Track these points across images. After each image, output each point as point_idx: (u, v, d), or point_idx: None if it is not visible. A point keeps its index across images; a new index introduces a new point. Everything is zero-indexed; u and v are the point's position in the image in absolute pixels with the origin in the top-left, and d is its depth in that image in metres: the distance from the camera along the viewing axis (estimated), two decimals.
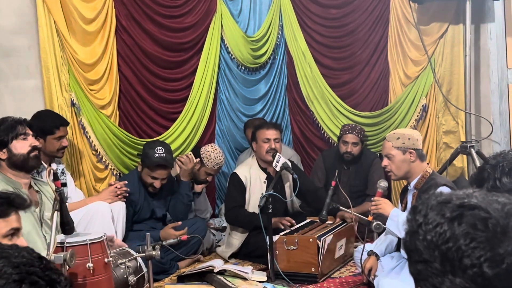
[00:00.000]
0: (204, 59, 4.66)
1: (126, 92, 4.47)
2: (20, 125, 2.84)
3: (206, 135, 4.83)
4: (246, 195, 3.98)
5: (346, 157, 4.44)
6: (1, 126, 2.83)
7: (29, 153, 2.81)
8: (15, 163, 2.79)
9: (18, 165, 2.80)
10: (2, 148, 2.80)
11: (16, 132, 2.81)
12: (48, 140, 3.62)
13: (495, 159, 1.69)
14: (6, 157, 2.79)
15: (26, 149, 2.81)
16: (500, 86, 4.47)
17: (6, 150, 2.79)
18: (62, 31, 4.09)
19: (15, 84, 4.13)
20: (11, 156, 2.79)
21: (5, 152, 2.79)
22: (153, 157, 3.79)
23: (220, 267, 3.50)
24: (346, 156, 4.44)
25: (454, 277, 0.91)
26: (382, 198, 3.15)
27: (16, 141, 2.80)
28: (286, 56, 5.03)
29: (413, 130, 3.58)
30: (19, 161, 2.79)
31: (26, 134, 2.85)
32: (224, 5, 4.75)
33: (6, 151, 2.79)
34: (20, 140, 2.81)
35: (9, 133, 2.80)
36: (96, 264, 2.48)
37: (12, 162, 2.79)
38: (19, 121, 2.87)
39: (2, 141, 2.80)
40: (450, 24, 4.44)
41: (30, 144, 2.83)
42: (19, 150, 2.79)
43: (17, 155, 2.79)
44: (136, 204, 3.84)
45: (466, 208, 0.94)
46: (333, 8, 4.83)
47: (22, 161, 2.80)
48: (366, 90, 4.80)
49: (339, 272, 3.66)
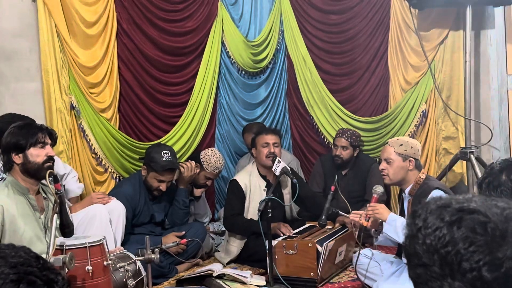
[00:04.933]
0: (204, 63, 4.67)
1: (127, 95, 4.48)
2: (41, 133, 2.80)
3: (206, 139, 4.83)
4: (246, 203, 3.97)
5: (336, 160, 4.47)
6: (23, 129, 2.80)
7: (44, 163, 2.77)
8: (28, 170, 2.76)
9: (31, 173, 2.77)
10: (19, 152, 2.76)
11: (36, 139, 2.77)
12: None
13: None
14: (21, 162, 2.76)
15: (42, 159, 2.76)
16: (499, 93, 4.48)
17: (22, 155, 2.76)
18: (63, 34, 4.11)
19: (16, 86, 4.14)
20: (25, 162, 2.75)
21: (20, 157, 2.76)
22: (160, 161, 3.78)
23: (219, 271, 3.50)
24: (336, 160, 4.47)
25: (453, 281, 0.91)
26: (378, 204, 3.17)
27: (34, 149, 2.76)
28: (287, 61, 5.04)
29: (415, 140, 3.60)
30: (32, 169, 2.76)
31: (45, 143, 2.80)
32: (225, 9, 4.76)
33: (22, 156, 2.76)
34: (38, 148, 2.77)
35: (28, 139, 2.76)
36: (95, 267, 2.48)
37: (25, 168, 2.76)
38: (40, 128, 2.83)
39: (20, 145, 2.76)
40: (450, 30, 4.45)
41: (46, 153, 2.78)
42: (35, 158, 2.76)
43: (31, 162, 2.75)
44: (136, 207, 3.84)
45: (465, 212, 0.94)
46: (334, 13, 4.84)
47: (36, 169, 2.76)
48: (366, 96, 4.81)
49: (338, 277, 3.65)
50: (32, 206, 2.75)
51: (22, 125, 2.84)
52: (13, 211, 2.67)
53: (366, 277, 3.30)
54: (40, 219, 2.77)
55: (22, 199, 2.74)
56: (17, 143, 2.75)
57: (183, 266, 3.87)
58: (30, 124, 2.87)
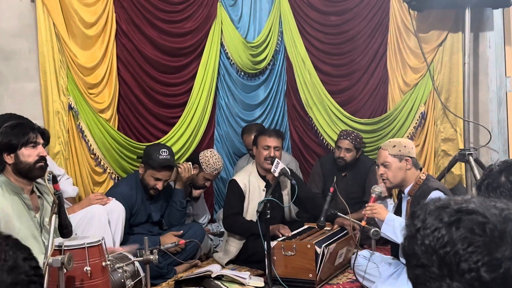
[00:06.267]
0: (203, 64, 4.67)
1: (126, 96, 4.48)
2: (32, 132, 2.76)
3: (205, 140, 4.83)
4: (245, 203, 3.97)
5: (339, 162, 4.47)
6: (14, 128, 2.75)
7: (36, 163, 2.73)
8: (20, 170, 2.73)
9: (22, 173, 2.74)
10: (10, 152, 2.73)
11: (27, 138, 2.73)
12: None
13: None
14: (12, 162, 2.73)
15: (33, 158, 2.72)
16: (498, 94, 4.48)
17: (14, 155, 2.72)
18: (62, 35, 4.10)
19: (14, 87, 4.14)
20: (17, 162, 2.72)
21: (12, 157, 2.72)
22: (158, 158, 3.80)
23: (217, 272, 3.50)
24: (339, 162, 4.47)
25: (452, 282, 0.91)
26: (377, 204, 3.18)
27: (25, 149, 2.72)
28: (286, 62, 5.04)
29: (407, 139, 3.61)
30: (24, 169, 2.73)
31: (37, 143, 2.76)
32: (224, 10, 4.76)
33: (13, 156, 2.72)
34: (29, 148, 2.73)
35: (20, 138, 2.72)
36: (94, 268, 2.48)
37: (17, 168, 2.73)
38: (32, 127, 2.78)
39: (12, 145, 2.72)
40: (449, 32, 4.45)
41: (38, 153, 2.74)
42: (26, 158, 2.72)
43: (23, 162, 2.72)
44: (133, 207, 3.84)
45: (464, 213, 0.94)
46: (333, 15, 4.84)
47: (27, 169, 2.73)
48: (365, 97, 4.81)
49: (337, 279, 3.65)
50: (27, 206, 2.74)
51: (14, 124, 2.78)
52: (8, 211, 2.66)
53: (364, 278, 3.30)
54: (35, 218, 2.75)
55: (17, 199, 2.72)
56: (9, 143, 2.71)
57: (181, 267, 3.87)
58: (22, 124, 2.81)
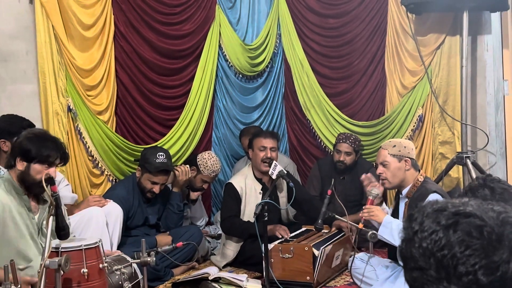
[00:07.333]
0: (201, 67, 4.67)
1: (123, 98, 4.47)
2: (55, 152, 2.73)
3: (203, 142, 4.83)
4: (241, 206, 3.97)
5: (339, 165, 4.47)
6: (40, 141, 2.73)
7: (40, 181, 2.64)
8: (24, 180, 2.72)
9: (25, 183, 2.73)
10: (24, 160, 2.71)
11: (46, 156, 2.71)
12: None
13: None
14: (21, 170, 2.71)
15: (41, 176, 2.64)
16: (496, 98, 4.49)
17: (26, 165, 2.70)
18: (60, 37, 4.10)
19: (12, 88, 4.13)
20: (25, 172, 2.71)
21: (23, 165, 2.71)
22: (155, 162, 3.80)
23: (215, 274, 3.49)
24: (339, 165, 4.47)
25: (449, 284, 0.91)
26: (374, 206, 3.17)
27: (39, 165, 2.70)
28: (284, 64, 5.05)
29: (407, 140, 3.61)
30: (27, 182, 2.72)
31: (51, 165, 2.73)
32: (223, 13, 4.77)
33: (25, 166, 2.71)
34: (44, 166, 2.71)
35: (41, 154, 2.69)
36: (91, 270, 2.48)
37: (22, 177, 2.72)
38: (57, 148, 2.75)
39: (29, 155, 2.70)
40: (447, 35, 4.46)
41: (47, 174, 2.66)
42: (35, 174, 2.70)
43: (30, 176, 2.70)
44: (130, 209, 3.83)
45: (462, 216, 0.95)
46: (331, 18, 4.85)
47: (30, 184, 2.72)
48: (363, 100, 4.81)
49: (334, 281, 3.65)
50: (26, 207, 2.75)
51: (42, 136, 2.77)
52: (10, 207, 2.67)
53: (361, 281, 3.30)
54: (34, 220, 2.75)
55: (17, 198, 2.73)
56: (28, 151, 2.70)
57: (179, 269, 3.87)
58: (50, 140, 2.77)
